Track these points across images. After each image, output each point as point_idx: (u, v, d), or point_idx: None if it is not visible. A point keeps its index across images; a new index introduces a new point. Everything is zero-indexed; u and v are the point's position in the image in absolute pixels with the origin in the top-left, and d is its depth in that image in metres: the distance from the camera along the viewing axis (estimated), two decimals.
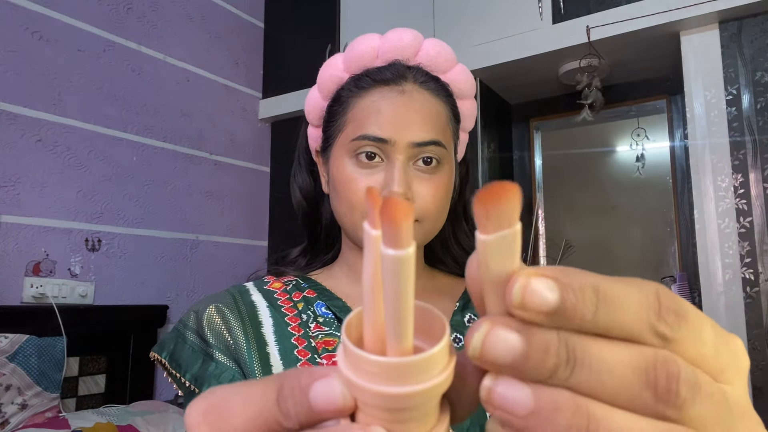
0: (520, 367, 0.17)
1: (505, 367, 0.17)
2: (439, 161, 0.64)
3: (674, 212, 2.44)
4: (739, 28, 1.90)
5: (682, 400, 0.17)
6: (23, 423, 1.78)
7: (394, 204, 0.16)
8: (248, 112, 3.06)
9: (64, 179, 2.22)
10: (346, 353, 0.18)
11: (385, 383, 0.17)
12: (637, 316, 0.18)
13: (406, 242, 0.16)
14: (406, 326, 0.17)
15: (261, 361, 0.61)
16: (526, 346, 0.17)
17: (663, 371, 0.17)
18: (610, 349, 0.17)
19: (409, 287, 0.17)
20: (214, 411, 0.18)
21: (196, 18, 2.83)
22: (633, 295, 0.18)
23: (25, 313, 2.02)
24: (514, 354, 0.17)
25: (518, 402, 0.17)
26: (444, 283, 0.74)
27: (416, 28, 0.69)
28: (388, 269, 0.16)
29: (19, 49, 2.13)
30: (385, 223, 0.16)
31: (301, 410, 0.18)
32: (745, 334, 1.76)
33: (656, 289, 0.18)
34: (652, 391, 0.17)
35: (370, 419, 0.18)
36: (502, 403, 0.17)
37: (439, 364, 0.17)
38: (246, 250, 2.96)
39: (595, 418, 0.17)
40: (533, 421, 0.17)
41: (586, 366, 0.17)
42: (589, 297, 0.17)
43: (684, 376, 0.17)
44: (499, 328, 0.18)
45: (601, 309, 0.17)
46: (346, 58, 0.68)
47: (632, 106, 2.54)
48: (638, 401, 0.17)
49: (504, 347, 0.17)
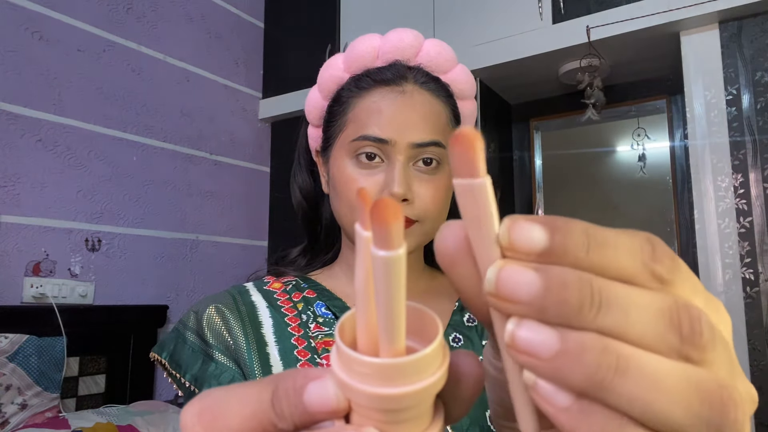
0: (540, 305, 0.17)
1: (524, 306, 0.17)
2: (440, 162, 0.64)
3: (674, 212, 2.44)
4: (739, 28, 1.90)
5: (705, 342, 0.17)
6: (23, 423, 1.79)
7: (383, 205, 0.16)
8: (248, 112, 3.07)
9: (64, 179, 2.22)
10: (339, 354, 0.18)
11: (378, 384, 0.17)
12: (632, 257, 0.18)
13: (396, 243, 0.16)
14: (398, 327, 0.17)
15: (261, 361, 0.61)
16: (543, 281, 0.17)
17: (686, 313, 0.17)
18: (633, 291, 0.17)
19: (401, 288, 0.17)
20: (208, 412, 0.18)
21: (196, 18, 2.83)
22: (624, 238, 0.18)
23: (25, 313, 2.03)
24: (530, 289, 0.17)
25: (543, 343, 0.17)
26: (444, 284, 0.74)
27: (416, 28, 0.69)
28: (379, 270, 0.16)
29: (19, 49, 2.13)
30: (375, 225, 0.16)
31: (295, 411, 0.18)
32: (745, 334, 1.76)
33: (647, 236, 0.18)
34: (677, 333, 0.17)
35: (363, 420, 0.18)
36: (527, 346, 0.17)
37: (432, 364, 0.17)
38: (246, 250, 2.96)
39: (625, 357, 0.16)
40: (560, 362, 0.16)
41: (613, 307, 0.17)
42: (579, 237, 0.17)
43: (705, 318, 0.17)
44: (513, 264, 0.17)
45: (594, 249, 0.17)
46: (346, 58, 0.68)
47: (632, 106, 2.53)
48: (664, 343, 0.17)
49: (520, 281, 0.17)
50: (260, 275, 0.75)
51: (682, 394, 0.17)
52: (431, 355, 0.17)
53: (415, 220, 0.63)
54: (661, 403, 0.16)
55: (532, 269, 0.17)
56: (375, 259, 0.16)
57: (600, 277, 0.17)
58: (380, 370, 0.17)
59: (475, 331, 0.68)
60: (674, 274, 0.18)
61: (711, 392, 0.17)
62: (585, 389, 0.17)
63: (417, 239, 0.64)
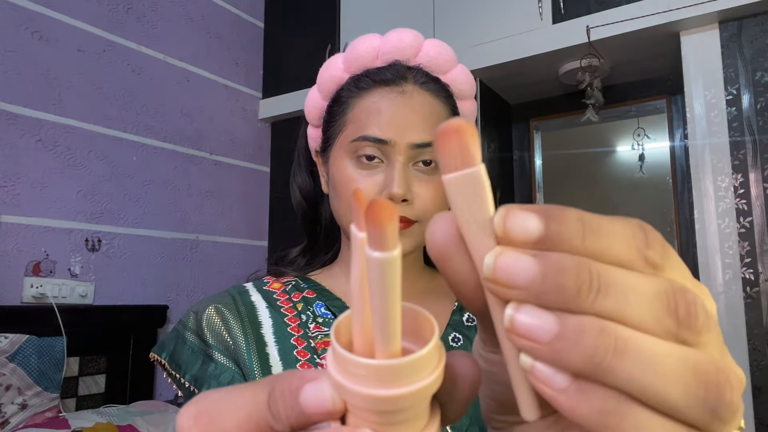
0: (538, 289, 0.17)
1: (523, 291, 0.17)
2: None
3: (674, 212, 2.44)
4: (739, 28, 1.90)
5: (701, 325, 0.18)
6: (23, 423, 1.79)
7: (378, 206, 0.16)
8: (248, 112, 3.07)
9: (64, 179, 2.23)
10: (335, 356, 0.18)
11: (374, 386, 0.17)
12: (626, 243, 0.18)
13: (391, 244, 0.16)
14: (393, 328, 0.17)
15: (260, 361, 0.61)
16: (542, 266, 0.17)
17: (682, 297, 0.18)
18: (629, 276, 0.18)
19: (396, 289, 0.17)
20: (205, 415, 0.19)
21: (196, 18, 2.83)
22: (618, 225, 0.18)
23: (25, 313, 2.03)
24: (527, 274, 0.17)
25: (542, 327, 0.17)
26: (443, 284, 0.74)
27: (416, 28, 0.69)
28: (373, 272, 0.16)
29: (19, 49, 2.13)
30: (370, 226, 0.16)
31: (291, 413, 0.18)
32: (745, 334, 1.76)
33: (639, 223, 0.19)
34: (674, 316, 0.17)
35: (359, 422, 0.18)
36: (526, 330, 0.17)
37: (428, 365, 0.17)
38: (246, 250, 2.96)
39: (623, 339, 0.17)
40: (559, 344, 0.17)
41: (611, 291, 0.17)
42: (574, 225, 0.17)
43: (700, 302, 0.18)
44: (510, 250, 0.18)
45: (589, 236, 0.17)
46: (346, 58, 0.68)
47: (632, 106, 2.53)
48: (661, 326, 0.17)
49: (518, 266, 0.17)
50: (260, 275, 0.75)
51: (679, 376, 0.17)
52: (427, 356, 0.17)
53: (415, 220, 0.63)
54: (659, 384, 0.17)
55: (530, 255, 0.17)
56: (370, 260, 0.16)
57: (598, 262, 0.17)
58: (376, 372, 0.17)
59: (474, 331, 0.68)
60: (665, 260, 0.19)
61: (707, 374, 0.17)
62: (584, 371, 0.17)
63: (417, 239, 0.64)
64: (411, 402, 0.17)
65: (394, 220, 0.16)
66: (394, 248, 0.16)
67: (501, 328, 0.18)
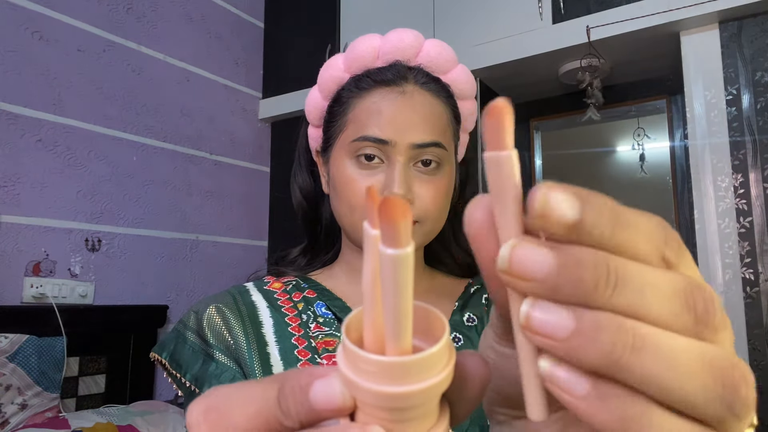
0: (554, 283, 0.17)
1: (538, 284, 0.17)
2: (440, 162, 0.64)
3: (674, 212, 2.44)
4: (739, 28, 1.90)
5: (718, 322, 0.18)
6: (23, 423, 1.78)
7: (392, 203, 0.16)
8: (248, 112, 3.07)
9: (64, 179, 2.22)
10: (346, 353, 0.18)
11: (384, 383, 0.17)
12: (648, 239, 0.18)
13: (404, 241, 0.16)
14: (405, 326, 0.17)
15: (261, 361, 0.61)
16: (558, 258, 0.17)
17: (699, 294, 0.18)
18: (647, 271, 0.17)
19: (408, 286, 0.17)
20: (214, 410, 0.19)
21: (196, 18, 2.83)
22: (643, 220, 0.18)
23: (25, 313, 2.02)
24: (543, 267, 0.17)
25: (558, 323, 0.17)
26: (443, 284, 0.74)
27: (416, 28, 0.69)
28: (386, 268, 0.16)
29: (19, 49, 2.13)
30: (384, 223, 0.16)
31: (301, 409, 0.18)
32: (745, 334, 1.76)
33: (660, 220, 0.19)
34: (692, 312, 0.17)
35: (369, 419, 0.18)
36: (542, 327, 0.17)
37: (438, 363, 0.17)
38: (246, 250, 2.96)
39: (640, 336, 0.17)
40: (575, 341, 0.16)
41: (629, 285, 0.17)
42: (607, 216, 0.17)
43: (717, 299, 0.18)
44: (527, 242, 0.17)
45: (617, 229, 0.17)
46: (346, 59, 0.68)
47: (632, 106, 2.54)
48: (679, 322, 0.17)
49: (534, 259, 0.17)
50: (260, 275, 0.75)
51: (697, 372, 0.17)
52: (437, 354, 0.17)
53: (416, 220, 0.63)
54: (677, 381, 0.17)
55: (547, 247, 0.17)
56: (383, 257, 0.16)
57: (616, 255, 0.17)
58: (386, 369, 0.17)
59: (474, 331, 0.68)
60: (680, 259, 0.19)
61: (724, 370, 0.17)
62: (601, 368, 0.17)
63: (417, 240, 0.64)
64: (421, 399, 0.17)
65: (408, 217, 0.16)
66: (408, 245, 0.16)
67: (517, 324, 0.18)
